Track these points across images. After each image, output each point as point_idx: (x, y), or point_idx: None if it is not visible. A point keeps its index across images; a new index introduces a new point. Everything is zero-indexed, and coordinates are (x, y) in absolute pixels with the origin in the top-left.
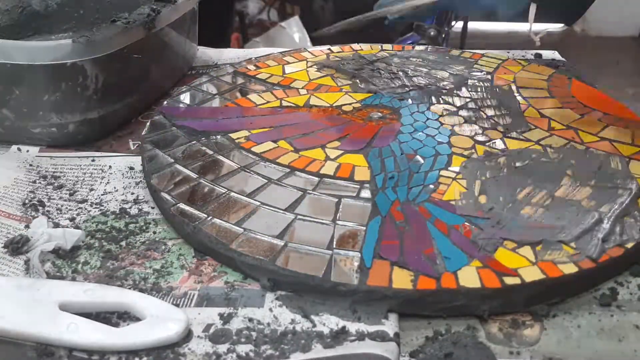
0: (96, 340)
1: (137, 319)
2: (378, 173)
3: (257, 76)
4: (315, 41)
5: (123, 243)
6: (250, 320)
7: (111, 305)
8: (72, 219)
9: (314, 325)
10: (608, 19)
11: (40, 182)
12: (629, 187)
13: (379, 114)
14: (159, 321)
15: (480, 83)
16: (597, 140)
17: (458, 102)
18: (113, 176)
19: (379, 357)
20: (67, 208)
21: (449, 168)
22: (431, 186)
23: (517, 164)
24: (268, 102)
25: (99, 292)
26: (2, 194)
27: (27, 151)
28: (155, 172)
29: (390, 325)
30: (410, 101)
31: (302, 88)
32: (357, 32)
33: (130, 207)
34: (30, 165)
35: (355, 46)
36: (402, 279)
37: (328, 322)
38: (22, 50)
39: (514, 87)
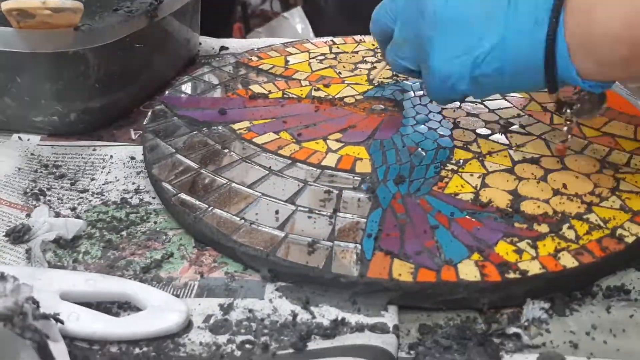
0: (97, 329)
1: (138, 309)
2: (379, 165)
3: (259, 67)
4: (319, 32)
5: (124, 233)
6: (250, 311)
7: (112, 295)
8: (73, 209)
9: (314, 317)
10: None
11: (41, 171)
12: None
13: (381, 106)
14: (159, 311)
15: None
16: (600, 135)
17: None
18: (114, 166)
19: (378, 349)
20: (68, 197)
21: (451, 161)
22: (432, 179)
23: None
24: (270, 92)
25: (100, 282)
26: (3, 182)
27: (28, 140)
28: (156, 162)
29: (389, 317)
30: (412, 94)
31: (305, 79)
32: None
33: (131, 197)
34: (32, 154)
35: (358, 37)
36: (402, 272)
37: (328, 313)
38: (24, 39)
39: None
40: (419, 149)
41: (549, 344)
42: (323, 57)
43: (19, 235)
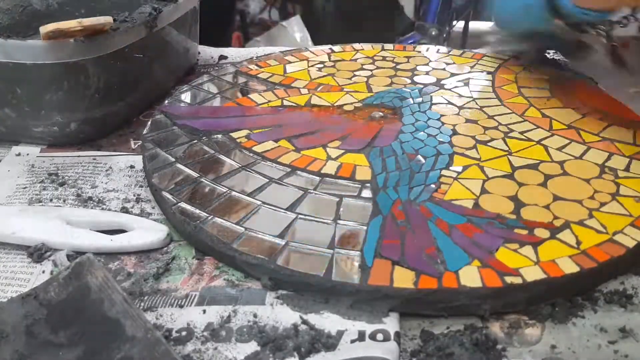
0: (94, 244)
1: None
2: (379, 172)
3: (258, 75)
4: (317, 41)
5: None
6: (252, 319)
7: (107, 223)
8: None
9: (315, 324)
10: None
11: (42, 184)
12: None
13: (380, 113)
14: (143, 231)
15: (482, 83)
16: (599, 140)
17: (460, 101)
18: (114, 175)
19: (380, 359)
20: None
21: (450, 168)
22: (432, 186)
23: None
24: (269, 101)
25: (99, 213)
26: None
27: (27, 154)
28: (156, 171)
29: (391, 325)
30: (411, 101)
31: (304, 87)
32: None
33: (132, 207)
34: (32, 165)
35: (357, 46)
36: (403, 279)
37: (329, 320)
38: (24, 50)
39: (515, 87)
40: (419, 156)
41: (551, 350)
42: (322, 65)
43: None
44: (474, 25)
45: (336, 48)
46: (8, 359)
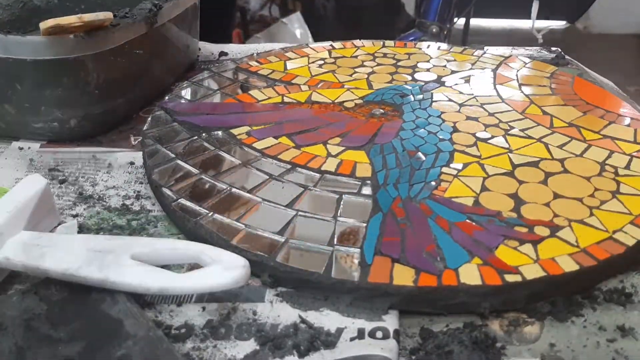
0: (156, 283)
1: None
2: (380, 170)
3: (258, 72)
4: (317, 37)
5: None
6: (251, 316)
7: (178, 256)
8: (74, 216)
9: (314, 322)
10: (610, 17)
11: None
12: None
13: (381, 110)
14: (219, 269)
15: (483, 80)
16: (600, 137)
17: (460, 99)
18: (114, 171)
19: (379, 357)
20: (69, 205)
21: (451, 165)
22: (433, 183)
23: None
24: (270, 97)
25: (168, 244)
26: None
27: (29, 148)
28: (156, 167)
29: (390, 322)
30: (412, 98)
31: (304, 84)
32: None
33: (132, 204)
34: (31, 160)
35: (357, 42)
36: (403, 276)
37: (328, 318)
38: (24, 46)
39: (516, 84)
40: (419, 153)
41: (550, 348)
42: (322, 62)
43: None
44: (475, 22)
45: (337, 45)
46: (6, 351)
